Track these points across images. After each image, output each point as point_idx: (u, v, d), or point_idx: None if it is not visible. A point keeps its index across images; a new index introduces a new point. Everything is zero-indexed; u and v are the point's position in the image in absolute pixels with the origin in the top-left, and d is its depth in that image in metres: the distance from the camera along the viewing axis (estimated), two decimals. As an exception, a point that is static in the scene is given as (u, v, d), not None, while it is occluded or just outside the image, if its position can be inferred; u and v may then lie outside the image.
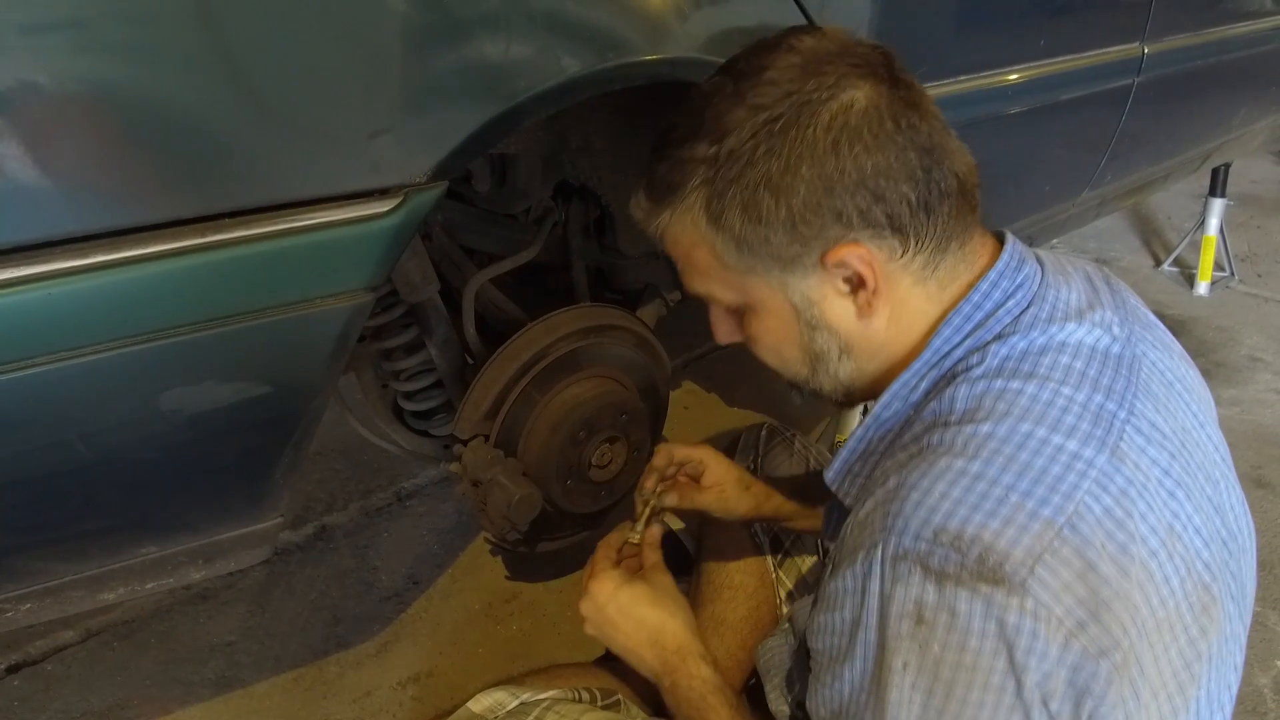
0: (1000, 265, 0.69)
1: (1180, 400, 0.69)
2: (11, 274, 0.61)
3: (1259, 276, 2.86)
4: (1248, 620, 0.71)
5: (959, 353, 0.68)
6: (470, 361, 1.29)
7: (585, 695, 1.00)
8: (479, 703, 0.95)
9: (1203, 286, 2.72)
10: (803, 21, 1.05)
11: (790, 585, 1.18)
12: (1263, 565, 1.61)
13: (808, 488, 1.11)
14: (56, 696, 1.33)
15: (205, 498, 0.85)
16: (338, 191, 0.72)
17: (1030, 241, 1.98)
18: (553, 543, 1.38)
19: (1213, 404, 0.76)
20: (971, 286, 0.69)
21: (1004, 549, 0.55)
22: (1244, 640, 0.70)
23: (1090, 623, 0.55)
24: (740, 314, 0.74)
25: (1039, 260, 0.72)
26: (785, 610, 1.19)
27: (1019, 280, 0.69)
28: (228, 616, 1.48)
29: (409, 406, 1.30)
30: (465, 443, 1.22)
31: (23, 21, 0.58)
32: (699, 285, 0.74)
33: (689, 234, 0.69)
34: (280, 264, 0.71)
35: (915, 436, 0.66)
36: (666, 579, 0.96)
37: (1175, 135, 2.08)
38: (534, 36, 0.80)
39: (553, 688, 0.98)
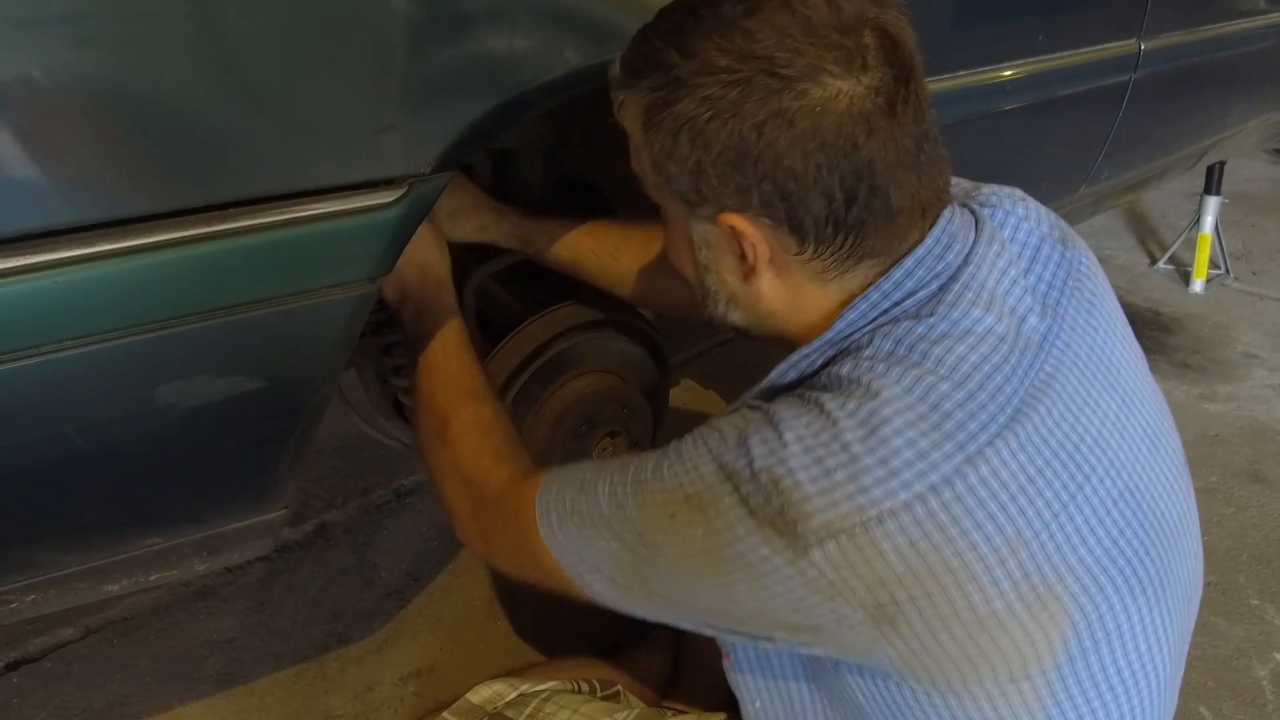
0: (920, 253, 0.66)
1: (1101, 393, 0.68)
2: (19, 262, 0.61)
3: (1254, 274, 2.88)
4: (1178, 605, 0.71)
5: (857, 334, 0.67)
6: (471, 357, 1.29)
7: (585, 686, 1.01)
8: (478, 694, 0.96)
9: (1198, 284, 2.73)
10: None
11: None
12: (1259, 559, 1.62)
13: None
14: (56, 693, 1.32)
15: (210, 488, 0.85)
16: (343, 182, 0.72)
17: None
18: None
19: (1148, 380, 0.75)
20: (884, 275, 0.67)
21: (806, 513, 0.58)
22: (1171, 625, 0.70)
23: (863, 591, 0.59)
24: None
25: (976, 233, 0.69)
26: None
27: (938, 269, 0.66)
28: (228, 613, 1.47)
29: (409, 402, 1.30)
30: (466, 437, 1.22)
31: (31, 15, 0.59)
32: (634, 165, 0.72)
33: (630, 122, 0.69)
34: (286, 254, 0.71)
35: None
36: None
37: (1171, 132, 2.09)
38: (537, 28, 0.80)
39: (552, 679, 0.98)
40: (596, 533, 0.69)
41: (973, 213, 0.72)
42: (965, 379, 0.61)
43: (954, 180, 0.80)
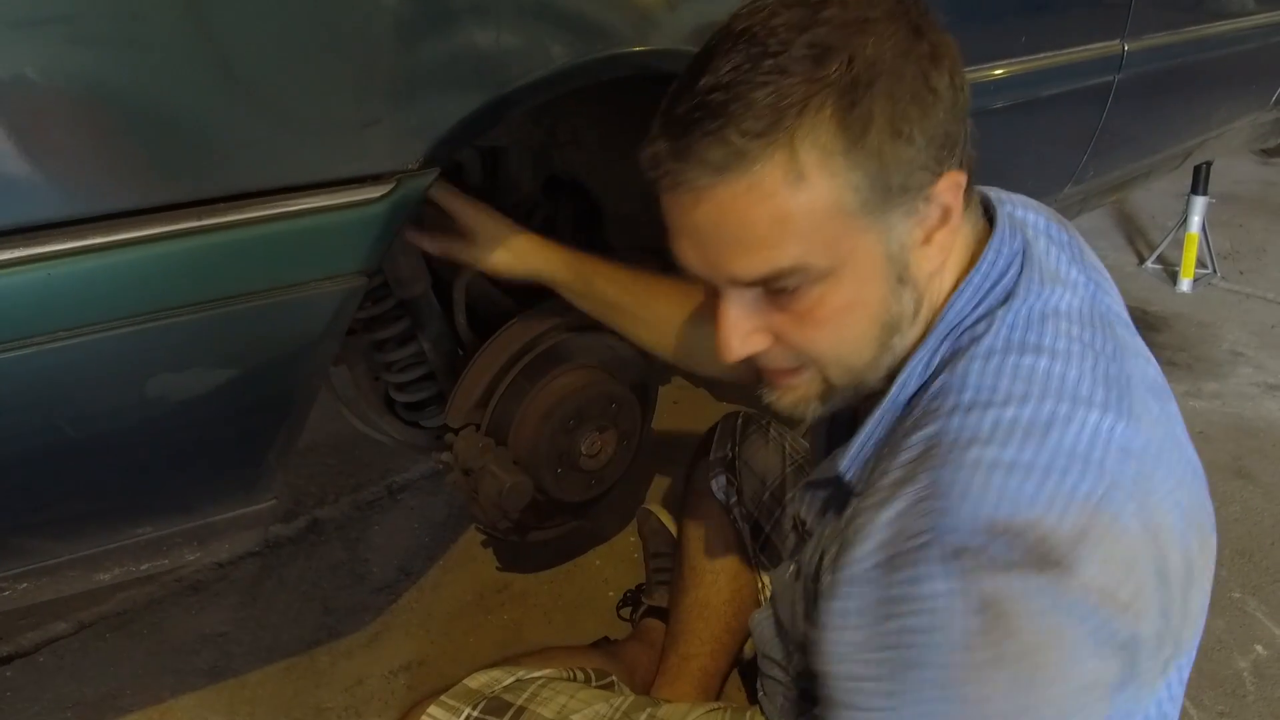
0: (1001, 232, 0.68)
1: (1140, 348, 0.70)
2: (13, 254, 0.62)
3: (1241, 273, 2.90)
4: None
5: (968, 322, 0.66)
6: (461, 353, 1.30)
7: (580, 675, 1.02)
8: (475, 679, 0.97)
9: (1185, 283, 2.75)
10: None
11: (772, 568, 1.20)
12: (1242, 553, 1.64)
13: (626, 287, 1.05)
14: (49, 687, 1.33)
15: (200, 478, 0.86)
16: (332, 177, 0.73)
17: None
18: (543, 532, 1.39)
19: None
20: (976, 254, 0.68)
21: (1051, 530, 0.54)
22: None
23: (1121, 587, 0.55)
24: (799, 294, 0.63)
25: (1011, 220, 0.71)
26: (765, 580, 1.21)
27: (1016, 245, 0.68)
28: (219, 608, 1.49)
29: (401, 398, 1.31)
30: (456, 432, 1.23)
31: (24, 14, 0.60)
32: (779, 254, 0.60)
33: (805, 171, 0.58)
34: (276, 247, 0.72)
35: (929, 416, 0.62)
36: None
37: (1156, 132, 2.11)
38: (523, 26, 0.81)
39: (548, 667, 1.00)
40: None
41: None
42: (1082, 352, 0.62)
43: None
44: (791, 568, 0.85)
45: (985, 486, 0.56)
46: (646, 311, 1.04)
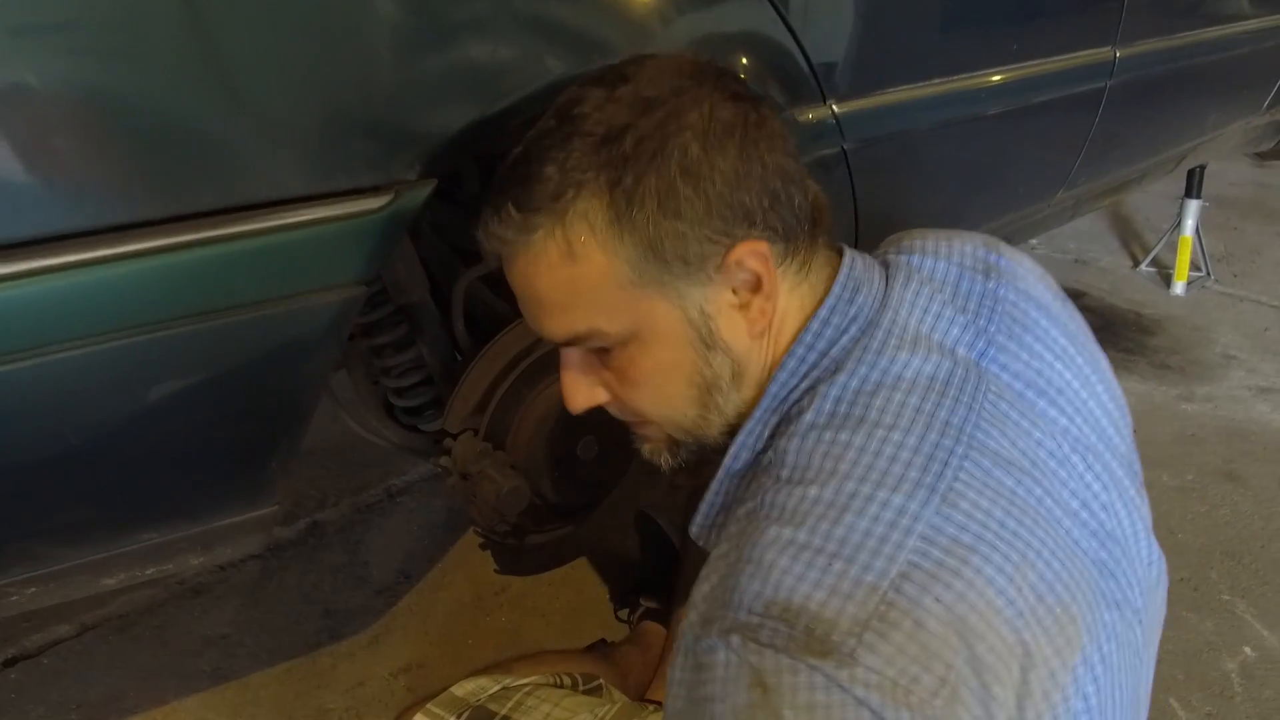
0: (831, 300, 0.66)
1: (1044, 407, 0.67)
2: (17, 267, 0.64)
3: (1234, 276, 2.91)
4: (1145, 611, 0.69)
5: (795, 395, 0.65)
6: (459, 358, 1.31)
7: (567, 680, 1.03)
8: (461, 687, 0.98)
9: (1179, 286, 2.77)
10: (782, 26, 1.09)
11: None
12: (1231, 555, 1.66)
13: None
14: (53, 689, 1.35)
15: (203, 485, 0.87)
16: (332, 188, 0.75)
17: (1007, 241, 2.04)
18: (541, 535, 1.41)
19: (1101, 394, 0.72)
20: (810, 318, 0.66)
21: (830, 619, 0.53)
22: (1139, 636, 0.68)
23: (923, 675, 0.53)
24: (612, 355, 0.67)
25: (886, 274, 0.69)
26: None
27: (852, 313, 0.66)
28: (222, 610, 1.50)
29: (399, 403, 1.33)
30: (455, 436, 1.24)
31: (21, 24, 0.61)
32: (573, 319, 0.65)
33: (576, 247, 0.62)
34: (276, 258, 0.74)
35: (753, 490, 0.63)
36: None
37: (1148, 137, 2.12)
38: (520, 39, 0.83)
39: (535, 673, 1.01)
40: None
41: (883, 261, 0.71)
42: (912, 425, 0.60)
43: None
44: None
45: (772, 567, 0.56)
46: None
